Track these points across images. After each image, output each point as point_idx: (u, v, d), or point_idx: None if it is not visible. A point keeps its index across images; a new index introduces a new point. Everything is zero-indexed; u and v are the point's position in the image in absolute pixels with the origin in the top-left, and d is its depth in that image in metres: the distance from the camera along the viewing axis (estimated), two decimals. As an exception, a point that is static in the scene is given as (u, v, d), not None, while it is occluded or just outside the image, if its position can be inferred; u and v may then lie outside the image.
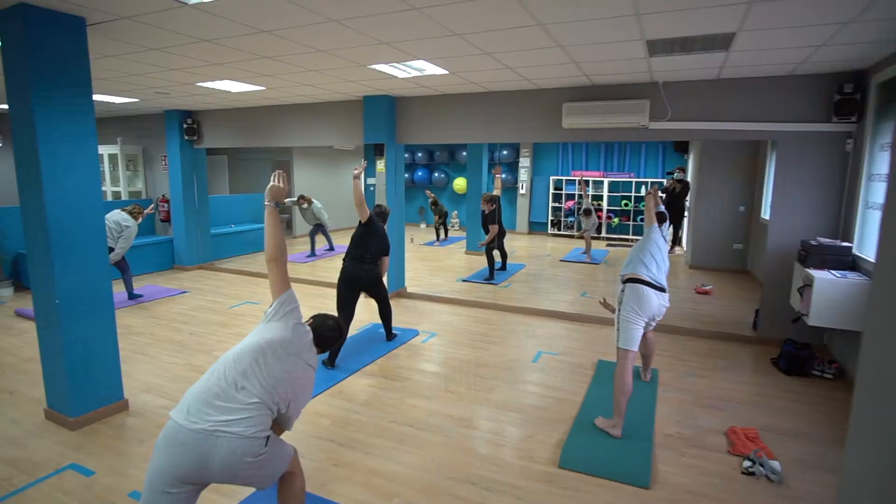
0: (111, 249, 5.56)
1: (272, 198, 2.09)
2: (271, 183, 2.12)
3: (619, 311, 3.16)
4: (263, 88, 5.53)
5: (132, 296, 6.14)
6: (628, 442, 3.03)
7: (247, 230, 9.32)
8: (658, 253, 3.29)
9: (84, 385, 3.23)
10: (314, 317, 2.20)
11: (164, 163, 8.50)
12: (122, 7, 2.90)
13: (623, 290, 3.17)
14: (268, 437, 1.78)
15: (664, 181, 10.38)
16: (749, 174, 7.79)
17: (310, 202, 8.79)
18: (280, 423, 1.95)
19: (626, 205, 11.22)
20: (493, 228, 7.02)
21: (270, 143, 7.16)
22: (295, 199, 8.78)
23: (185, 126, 7.55)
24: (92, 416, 3.27)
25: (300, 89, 5.60)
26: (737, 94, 4.57)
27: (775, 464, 2.74)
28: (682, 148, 10.58)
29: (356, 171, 4.14)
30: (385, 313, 4.70)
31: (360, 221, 4.32)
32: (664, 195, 8.49)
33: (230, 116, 7.42)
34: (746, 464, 2.78)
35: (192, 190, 7.89)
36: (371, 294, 4.54)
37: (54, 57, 2.96)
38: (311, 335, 2.05)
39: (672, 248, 9.37)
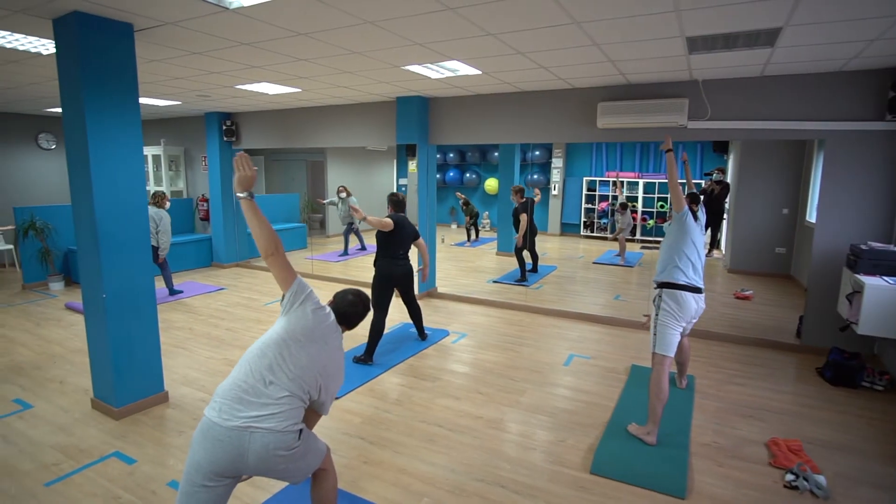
0: (154, 248, 5.77)
1: (244, 188, 1.81)
2: (237, 172, 1.82)
3: (655, 315, 3.08)
4: (299, 90, 5.64)
5: (172, 292, 6.36)
6: (663, 450, 2.95)
7: (282, 229, 9.51)
8: (693, 251, 3.09)
9: (127, 377, 3.37)
10: (334, 296, 2.14)
11: (203, 163, 8.78)
12: (167, 13, 3.01)
13: (660, 296, 3.08)
14: (301, 431, 1.80)
15: (702, 182, 10.08)
16: (793, 175, 7.48)
17: (349, 194, 8.91)
18: (315, 409, 1.96)
19: (662, 206, 10.94)
20: (524, 218, 6.85)
21: (305, 143, 7.29)
22: (329, 199, 8.90)
23: (224, 127, 7.77)
24: (134, 407, 3.40)
25: (334, 91, 5.69)
26: (782, 92, 4.40)
27: (820, 478, 2.62)
28: (721, 148, 10.24)
29: (365, 218, 4.08)
30: (416, 313, 4.72)
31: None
32: (703, 196, 8.24)
33: (267, 118, 7.61)
34: (789, 477, 2.67)
35: (230, 190, 8.11)
36: (403, 291, 4.55)
37: (104, 62, 3.09)
38: (332, 316, 1.99)
39: (710, 251, 9.09)
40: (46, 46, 3.71)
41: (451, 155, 13.04)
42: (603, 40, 3.45)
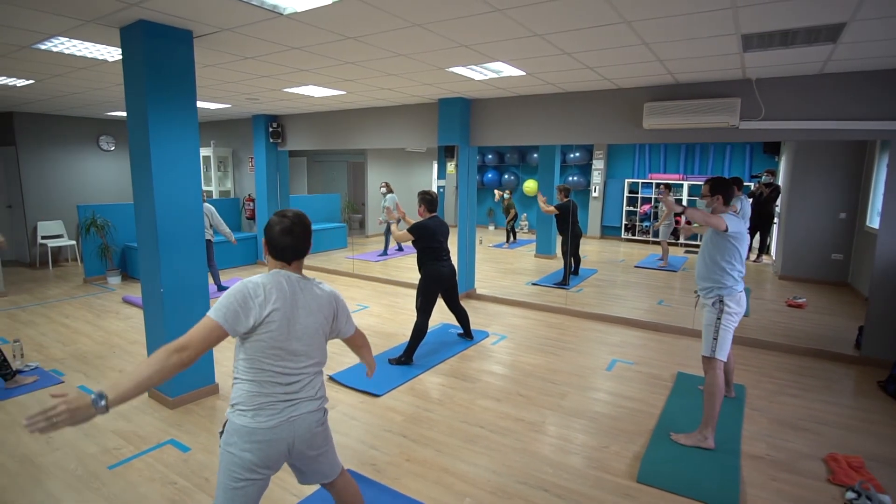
0: (208, 241, 5.99)
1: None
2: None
3: (718, 320, 2.97)
4: (344, 93, 5.76)
5: (221, 287, 6.60)
6: (713, 461, 2.86)
7: (323, 229, 9.72)
8: (737, 253, 2.96)
9: (182, 368, 3.52)
10: (266, 242, 1.77)
11: (250, 164, 9.07)
12: (224, 20, 3.13)
13: (721, 300, 2.97)
14: (325, 409, 1.85)
15: (751, 185, 9.71)
16: (851, 178, 7.10)
17: (389, 190, 9.01)
18: (346, 338, 1.95)
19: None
20: (549, 208, 6.88)
21: (347, 145, 7.44)
22: (388, 219, 8.94)
23: (270, 129, 8.01)
24: (187, 398, 3.55)
25: (378, 93, 5.77)
26: (842, 90, 4.19)
27: (885, 498, 2.48)
28: (772, 149, 9.83)
29: (389, 218, 3.99)
30: (462, 314, 4.74)
31: None
32: (751, 199, 7.93)
33: (311, 120, 7.80)
34: (850, 495, 2.54)
35: (275, 190, 8.35)
36: (450, 292, 4.56)
37: (166, 67, 3.25)
38: (277, 286, 1.69)
39: (759, 256, 8.75)
40: (112, 53, 3.93)
41: (490, 156, 13.02)
42: (653, 39, 3.38)
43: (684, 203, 10.47)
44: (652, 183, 11.03)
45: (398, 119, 6.82)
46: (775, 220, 8.67)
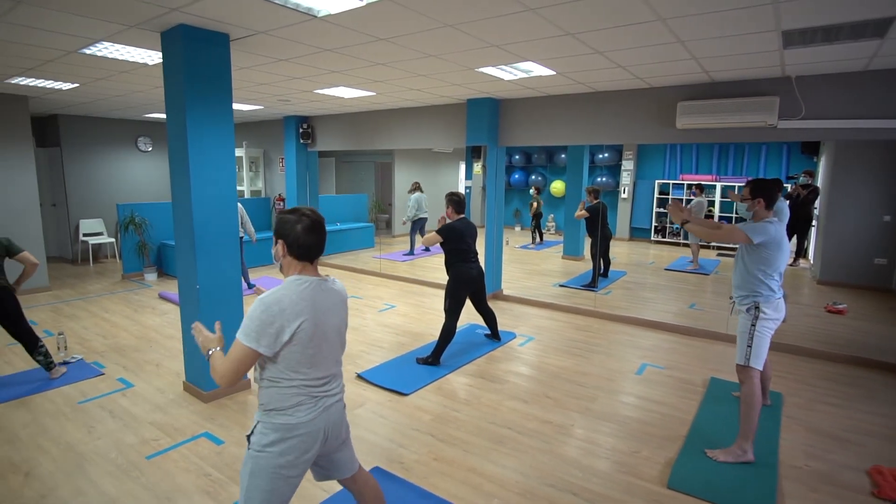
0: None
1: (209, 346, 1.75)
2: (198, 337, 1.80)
3: (752, 327, 2.87)
4: (374, 93, 5.81)
5: (250, 286, 6.74)
6: (749, 469, 2.79)
7: (351, 228, 9.84)
8: (773, 261, 2.83)
9: (216, 363, 3.61)
10: (282, 240, 1.73)
11: (281, 164, 9.25)
12: (260, 23, 3.20)
13: (758, 307, 2.86)
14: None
15: (788, 186, 9.40)
16: (897, 179, 6.81)
17: (414, 189, 9.06)
18: None
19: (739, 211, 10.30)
20: (580, 213, 6.91)
21: (376, 145, 7.51)
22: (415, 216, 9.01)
23: (300, 130, 8.15)
24: (220, 392, 3.64)
25: (407, 94, 5.81)
26: (888, 88, 4.01)
27: (934, 513, 2.37)
28: (810, 149, 9.49)
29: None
30: (490, 315, 4.74)
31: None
32: (788, 200, 7.68)
33: (340, 121, 7.90)
34: (896, 509, 2.44)
35: (304, 190, 8.49)
36: (478, 293, 4.55)
37: (203, 70, 3.34)
38: (312, 283, 1.70)
39: (796, 260, 8.46)
40: (152, 57, 4.05)
41: (517, 157, 12.96)
42: (688, 37, 3.31)
43: (716, 206, 10.21)
44: (683, 184, 10.79)
45: (426, 119, 6.85)
46: (813, 222, 8.38)
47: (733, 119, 4.52)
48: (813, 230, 8.54)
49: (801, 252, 8.66)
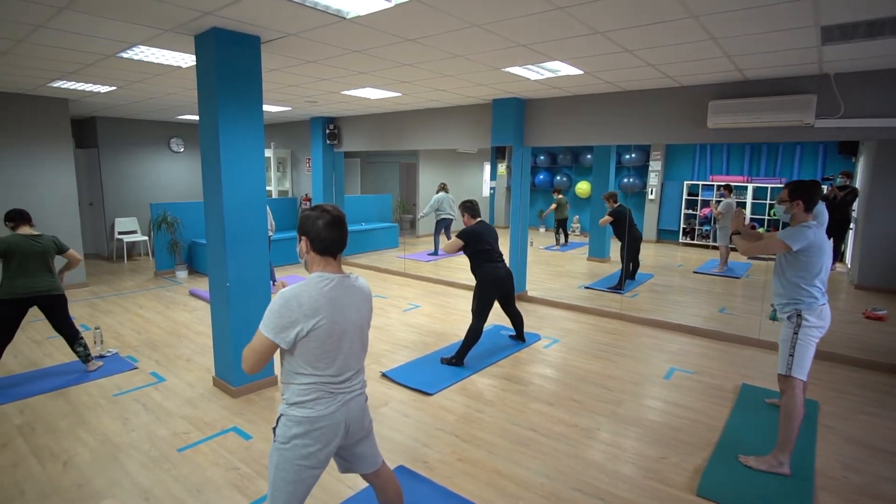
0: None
1: None
2: None
3: (795, 335, 2.76)
4: (400, 94, 5.85)
5: (273, 282, 6.85)
6: (783, 479, 2.70)
7: (375, 228, 9.91)
8: (813, 267, 2.73)
9: (244, 359, 3.68)
10: (306, 241, 1.76)
11: (307, 165, 9.38)
12: (290, 25, 3.25)
13: (800, 315, 2.75)
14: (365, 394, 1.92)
15: (825, 188, 9.09)
16: (943, 180, 6.51)
17: (439, 189, 9.09)
18: None
19: (774, 214, 10.00)
20: (604, 219, 6.87)
21: (401, 146, 7.55)
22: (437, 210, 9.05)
23: (327, 131, 8.25)
24: (249, 388, 3.71)
25: (433, 94, 5.83)
26: (936, 85, 3.85)
27: (984, 530, 2.26)
28: (848, 149, 9.16)
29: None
30: (518, 317, 4.72)
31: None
32: (824, 202, 7.42)
33: (366, 122, 7.97)
34: (941, 525, 2.33)
35: (331, 190, 8.59)
36: (506, 295, 4.54)
37: (235, 72, 3.41)
38: (334, 280, 1.72)
39: (832, 263, 8.17)
40: (186, 60, 4.16)
41: (542, 157, 12.86)
42: (721, 34, 3.23)
43: (747, 208, 9.94)
44: (713, 185, 10.54)
45: (451, 120, 6.85)
46: (851, 225, 8.09)
47: (767, 118, 4.40)
48: (851, 233, 8.25)
49: (837, 255, 8.36)
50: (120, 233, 8.71)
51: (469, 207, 4.40)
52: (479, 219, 4.40)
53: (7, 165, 6.07)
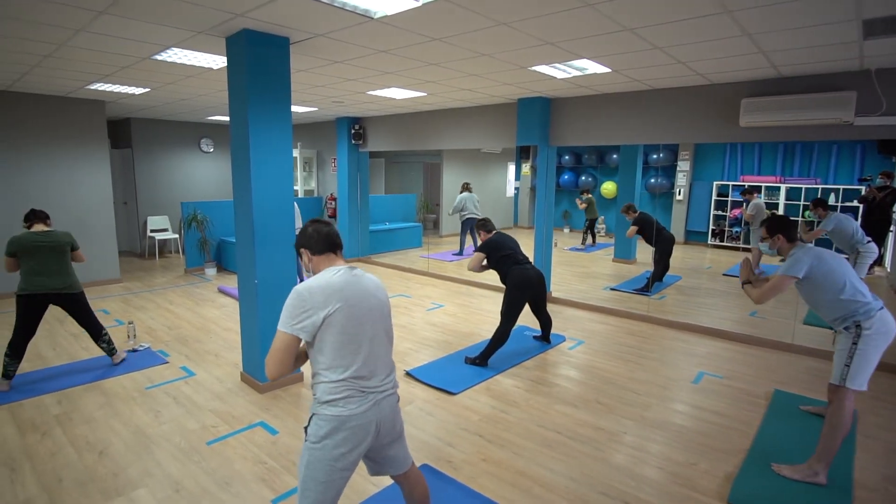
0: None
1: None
2: None
3: (854, 346, 2.63)
4: (425, 94, 5.86)
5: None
6: (819, 489, 2.61)
7: (399, 228, 9.96)
8: (845, 277, 2.68)
9: (271, 355, 3.74)
10: (307, 251, 1.86)
11: (333, 165, 9.48)
12: (319, 26, 3.29)
13: (859, 325, 2.62)
14: (398, 395, 1.92)
15: (863, 189, 8.76)
16: None
17: (463, 189, 9.08)
18: None
19: (808, 216, 9.69)
20: (630, 230, 6.80)
21: (426, 146, 7.57)
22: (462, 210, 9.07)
23: (352, 131, 8.33)
24: (275, 384, 3.76)
25: (458, 94, 5.82)
26: None
27: None
28: (889, 148, 8.80)
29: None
30: (547, 320, 4.70)
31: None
32: (862, 204, 7.16)
33: (391, 122, 8.02)
34: None
35: (356, 189, 8.67)
36: (538, 298, 4.52)
37: (265, 73, 3.47)
38: (341, 271, 1.79)
39: (871, 267, 7.87)
40: (217, 62, 4.25)
41: (567, 157, 12.72)
42: (756, 29, 3.14)
43: (780, 209, 9.66)
44: (744, 185, 10.26)
45: (476, 120, 6.84)
46: (892, 227, 7.78)
47: (804, 116, 4.26)
48: (891, 235, 7.93)
49: (878, 259, 8.04)
50: (152, 231, 8.96)
51: (483, 225, 4.57)
52: (494, 231, 4.53)
53: (47, 165, 6.30)
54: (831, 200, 9.41)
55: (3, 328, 4.95)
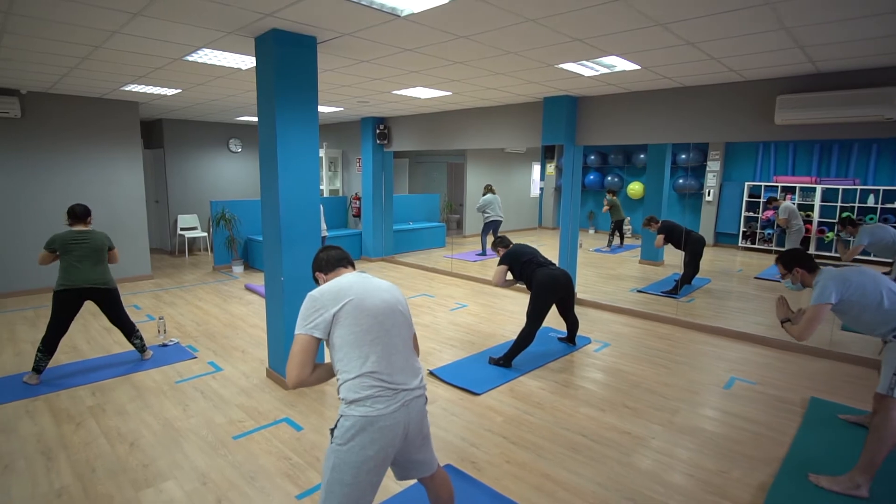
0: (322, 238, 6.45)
1: None
2: None
3: None
4: (450, 93, 5.85)
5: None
6: (860, 501, 2.49)
7: (423, 227, 9.98)
8: (880, 288, 2.61)
9: (296, 352, 3.78)
10: (320, 267, 2.02)
11: (358, 164, 9.55)
12: (346, 25, 3.30)
13: None
14: (426, 397, 1.92)
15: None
16: None
17: (486, 191, 9.05)
18: None
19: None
20: (658, 241, 6.70)
21: (450, 145, 7.55)
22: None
23: (377, 131, 8.38)
24: (300, 380, 3.79)
25: (483, 93, 5.79)
26: None
27: None
28: (934, 148, 8.43)
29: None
30: (574, 322, 4.65)
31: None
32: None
33: (416, 122, 8.03)
34: None
35: (380, 189, 8.72)
36: (566, 300, 4.47)
37: (293, 72, 3.50)
38: (351, 274, 1.93)
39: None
40: (245, 62, 4.32)
41: (592, 157, 12.55)
42: (795, 22, 3.03)
43: (815, 211, 9.33)
44: (777, 186, 9.96)
45: (501, 119, 6.79)
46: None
47: (843, 113, 4.10)
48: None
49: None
50: (182, 229, 9.17)
51: (499, 242, 4.65)
52: (510, 245, 4.59)
53: (83, 165, 6.50)
54: (871, 202, 9.05)
55: (40, 322, 5.13)
